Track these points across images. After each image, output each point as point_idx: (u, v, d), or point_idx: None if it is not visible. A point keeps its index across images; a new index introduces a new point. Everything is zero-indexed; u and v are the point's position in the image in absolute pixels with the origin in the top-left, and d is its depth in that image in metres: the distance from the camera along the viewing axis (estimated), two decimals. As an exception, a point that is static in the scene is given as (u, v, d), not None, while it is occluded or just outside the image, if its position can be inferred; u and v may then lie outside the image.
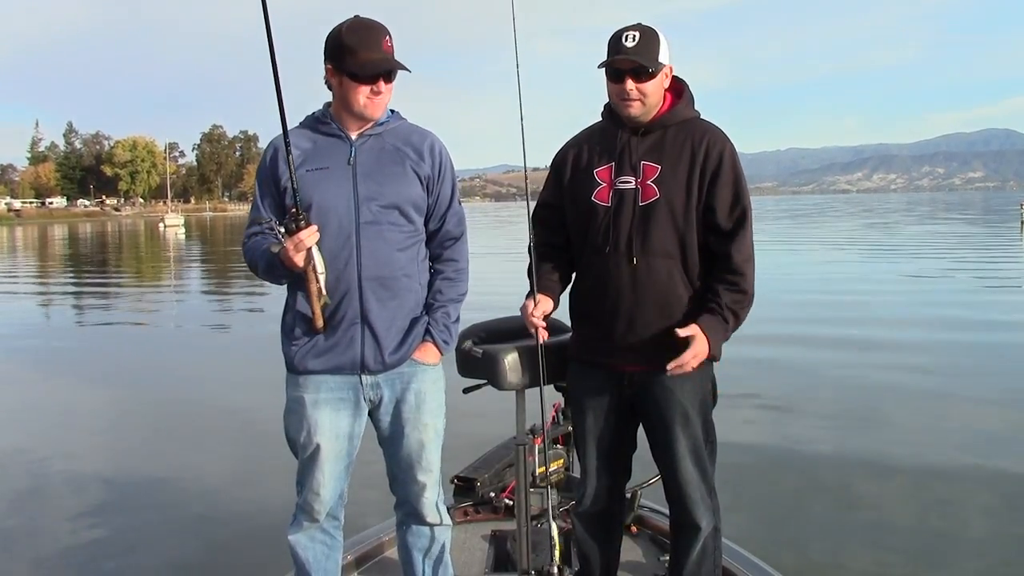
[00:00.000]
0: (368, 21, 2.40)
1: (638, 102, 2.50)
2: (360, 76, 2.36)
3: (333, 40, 2.37)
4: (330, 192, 2.39)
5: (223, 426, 7.05)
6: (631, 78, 2.48)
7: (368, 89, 2.38)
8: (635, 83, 2.48)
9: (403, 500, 2.61)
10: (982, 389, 7.78)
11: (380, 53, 2.36)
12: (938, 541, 4.53)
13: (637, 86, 2.48)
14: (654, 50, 2.48)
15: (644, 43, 2.47)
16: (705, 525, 2.56)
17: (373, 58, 2.35)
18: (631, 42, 2.47)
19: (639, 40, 2.47)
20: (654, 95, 2.51)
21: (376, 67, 2.36)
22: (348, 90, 2.39)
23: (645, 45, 2.47)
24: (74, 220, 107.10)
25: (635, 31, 2.48)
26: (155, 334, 13.23)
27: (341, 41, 2.34)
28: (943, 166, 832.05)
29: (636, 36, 2.47)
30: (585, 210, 2.56)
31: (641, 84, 2.48)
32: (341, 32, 2.36)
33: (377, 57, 2.36)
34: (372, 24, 2.39)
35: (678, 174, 2.49)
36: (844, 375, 8.45)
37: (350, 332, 2.42)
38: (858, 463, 5.72)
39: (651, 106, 2.52)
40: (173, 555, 4.48)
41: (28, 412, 7.92)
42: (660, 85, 2.52)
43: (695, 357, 2.41)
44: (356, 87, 2.37)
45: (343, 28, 2.37)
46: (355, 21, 2.39)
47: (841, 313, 12.79)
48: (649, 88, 2.49)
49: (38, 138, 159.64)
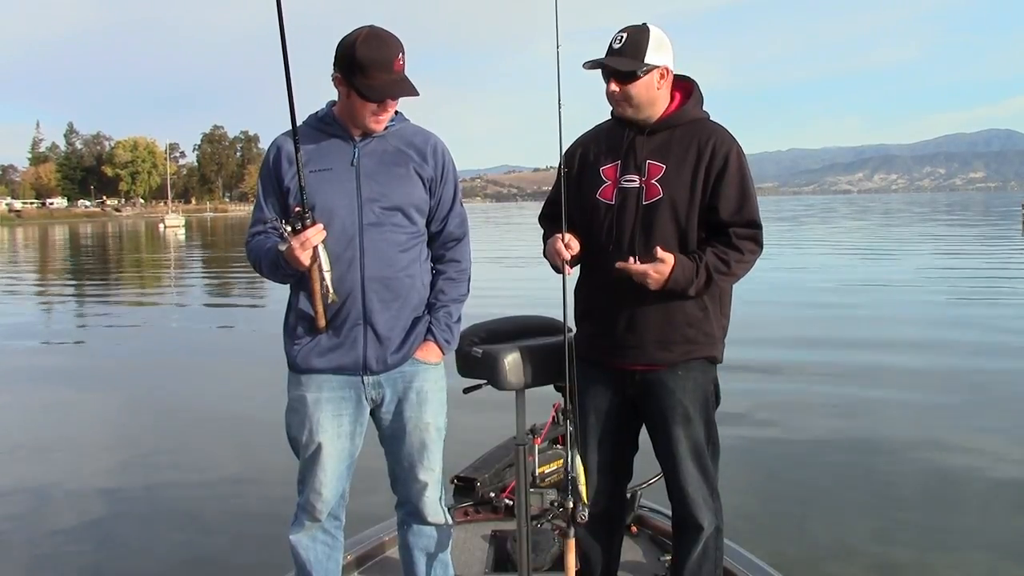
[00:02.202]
0: (384, 35, 2.35)
1: (624, 103, 2.50)
2: (368, 98, 2.36)
3: (346, 52, 2.33)
4: (334, 194, 2.39)
5: (223, 426, 7.04)
6: (613, 80, 2.49)
7: (375, 106, 2.38)
8: (618, 85, 2.48)
9: (404, 500, 2.61)
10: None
11: (391, 74, 2.34)
12: (943, 534, 4.54)
13: (621, 88, 2.48)
14: (640, 52, 2.46)
15: (629, 45, 2.46)
16: (707, 525, 2.57)
17: (384, 80, 2.33)
18: (617, 44, 2.47)
19: (624, 42, 2.47)
20: (642, 96, 2.49)
21: (385, 92, 2.36)
22: (355, 105, 2.38)
23: (630, 47, 2.46)
24: (75, 221, 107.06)
25: (625, 32, 2.49)
26: (154, 334, 13.21)
27: (355, 56, 2.31)
28: (944, 166, 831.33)
29: (623, 38, 2.47)
30: (589, 207, 2.57)
31: (624, 86, 2.48)
32: (356, 45, 2.31)
33: (388, 79, 2.34)
34: (387, 40, 2.34)
35: (682, 174, 2.49)
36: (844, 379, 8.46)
37: (353, 333, 2.42)
38: (860, 458, 5.73)
39: (642, 107, 2.51)
40: (173, 556, 4.48)
41: (28, 412, 7.92)
42: (649, 87, 2.49)
43: (653, 271, 2.38)
44: (364, 104, 2.37)
45: (358, 40, 2.32)
46: (371, 33, 2.33)
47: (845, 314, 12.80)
48: (634, 91, 2.48)
49: (39, 138, 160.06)
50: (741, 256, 2.48)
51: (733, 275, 2.49)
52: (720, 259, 2.45)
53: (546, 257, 2.62)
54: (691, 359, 2.53)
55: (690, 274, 2.42)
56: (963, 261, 22.40)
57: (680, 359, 2.52)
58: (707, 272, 2.44)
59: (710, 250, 2.46)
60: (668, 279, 2.40)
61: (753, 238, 2.50)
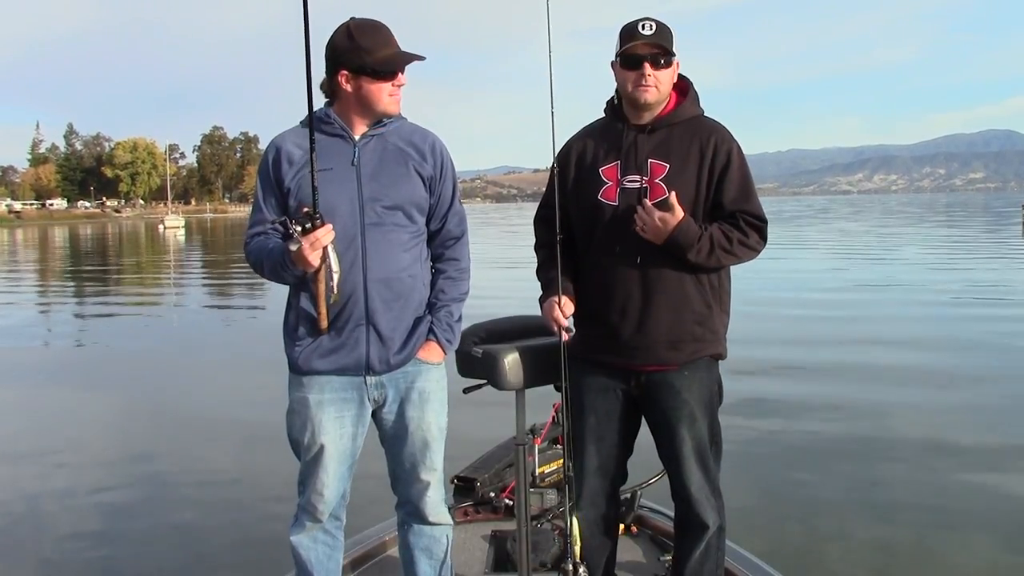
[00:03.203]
0: (370, 21, 2.40)
1: (653, 88, 2.51)
2: (383, 72, 2.36)
3: (344, 44, 2.35)
4: (335, 193, 2.38)
5: (223, 426, 7.04)
6: (649, 63, 2.50)
7: (390, 85, 2.39)
8: (653, 69, 2.50)
9: (405, 500, 2.61)
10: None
11: (395, 48, 2.39)
12: (943, 534, 4.54)
13: (655, 72, 2.50)
14: (670, 40, 2.51)
15: (660, 31, 2.50)
16: (711, 524, 2.57)
17: (392, 53, 2.37)
18: (648, 30, 2.50)
19: (656, 29, 2.50)
20: (667, 84, 2.53)
21: (399, 62, 2.38)
22: (371, 91, 2.38)
23: (661, 33, 2.50)
24: (74, 222, 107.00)
25: (651, 21, 2.52)
26: (154, 335, 13.21)
27: (357, 44, 2.33)
28: (944, 167, 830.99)
29: (653, 25, 2.51)
30: (591, 209, 2.56)
31: (658, 71, 2.50)
32: (352, 35, 2.34)
33: (395, 51, 2.38)
34: (376, 23, 2.39)
35: (687, 172, 2.50)
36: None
37: (355, 333, 2.42)
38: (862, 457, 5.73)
39: (662, 96, 2.54)
40: (173, 556, 4.48)
41: (28, 413, 7.92)
42: (672, 77, 2.55)
43: (658, 219, 2.40)
44: (380, 86, 2.38)
45: (351, 31, 2.35)
46: (357, 23, 2.37)
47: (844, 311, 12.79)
48: (664, 76, 2.52)
49: (39, 140, 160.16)
50: (745, 239, 2.49)
51: (734, 254, 2.48)
52: (725, 235, 2.47)
53: (543, 315, 2.63)
54: (698, 358, 2.53)
55: (694, 237, 2.43)
56: (963, 261, 22.39)
57: (688, 359, 2.52)
58: (710, 242, 2.45)
59: (716, 225, 2.49)
60: (672, 231, 2.41)
61: (759, 230, 2.52)
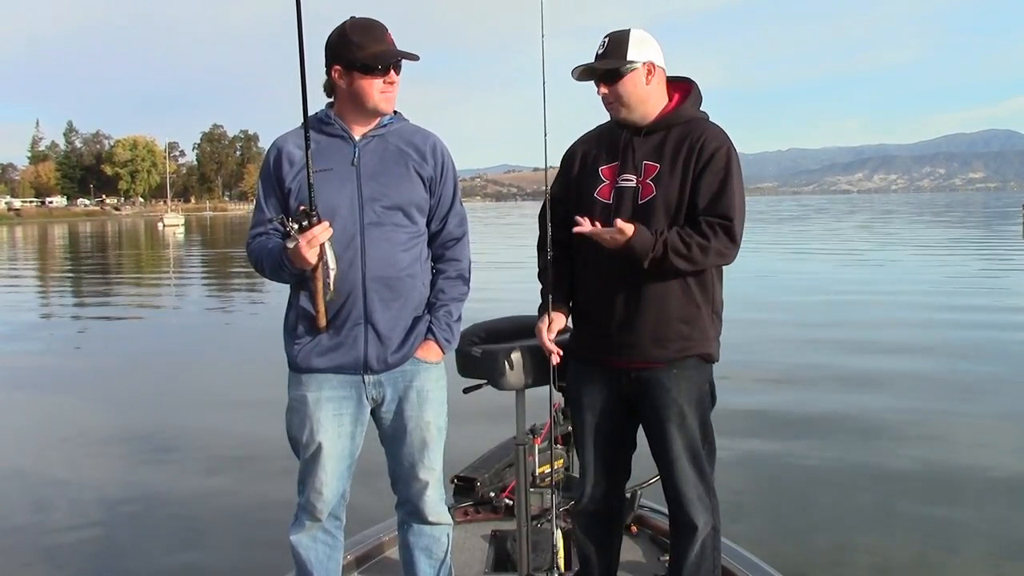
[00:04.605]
0: (368, 19, 2.42)
1: (616, 104, 2.54)
2: (373, 68, 2.38)
3: (338, 40, 2.39)
4: (335, 193, 2.39)
5: (222, 426, 7.04)
6: (601, 83, 2.54)
7: (381, 82, 2.40)
8: (606, 87, 2.53)
9: (405, 499, 2.61)
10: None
11: (388, 45, 2.40)
12: (944, 535, 4.55)
13: (609, 89, 2.53)
14: (622, 50, 2.51)
15: (611, 46, 2.53)
16: (703, 524, 2.57)
17: (382, 49, 2.39)
18: (600, 49, 2.55)
19: (606, 46, 2.54)
20: (631, 94, 2.53)
21: (388, 57, 2.40)
22: (361, 86, 2.40)
23: (613, 48, 2.53)
24: (74, 219, 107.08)
25: (607, 37, 2.55)
26: (153, 334, 13.22)
27: (348, 39, 2.37)
28: (944, 167, 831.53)
29: (605, 43, 2.55)
30: (587, 206, 2.58)
31: (612, 87, 2.52)
32: (345, 31, 2.38)
33: (387, 48, 2.39)
34: (372, 21, 2.42)
35: (675, 172, 2.51)
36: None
37: (353, 332, 2.43)
38: (862, 463, 5.73)
39: (634, 105, 2.54)
40: (173, 556, 4.48)
41: (27, 413, 7.93)
42: (636, 83, 2.52)
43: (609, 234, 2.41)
44: (370, 81, 2.39)
45: (345, 28, 2.39)
46: (354, 21, 2.40)
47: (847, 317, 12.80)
48: (622, 89, 2.52)
49: (38, 137, 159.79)
50: (705, 243, 2.44)
51: (691, 259, 2.44)
52: (682, 240, 2.43)
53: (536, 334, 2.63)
54: (686, 356, 2.54)
55: (648, 245, 2.41)
56: (963, 261, 22.40)
57: (675, 356, 2.52)
58: (664, 247, 2.42)
59: (675, 230, 2.46)
60: (625, 245, 2.41)
61: (724, 229, 2.46)
